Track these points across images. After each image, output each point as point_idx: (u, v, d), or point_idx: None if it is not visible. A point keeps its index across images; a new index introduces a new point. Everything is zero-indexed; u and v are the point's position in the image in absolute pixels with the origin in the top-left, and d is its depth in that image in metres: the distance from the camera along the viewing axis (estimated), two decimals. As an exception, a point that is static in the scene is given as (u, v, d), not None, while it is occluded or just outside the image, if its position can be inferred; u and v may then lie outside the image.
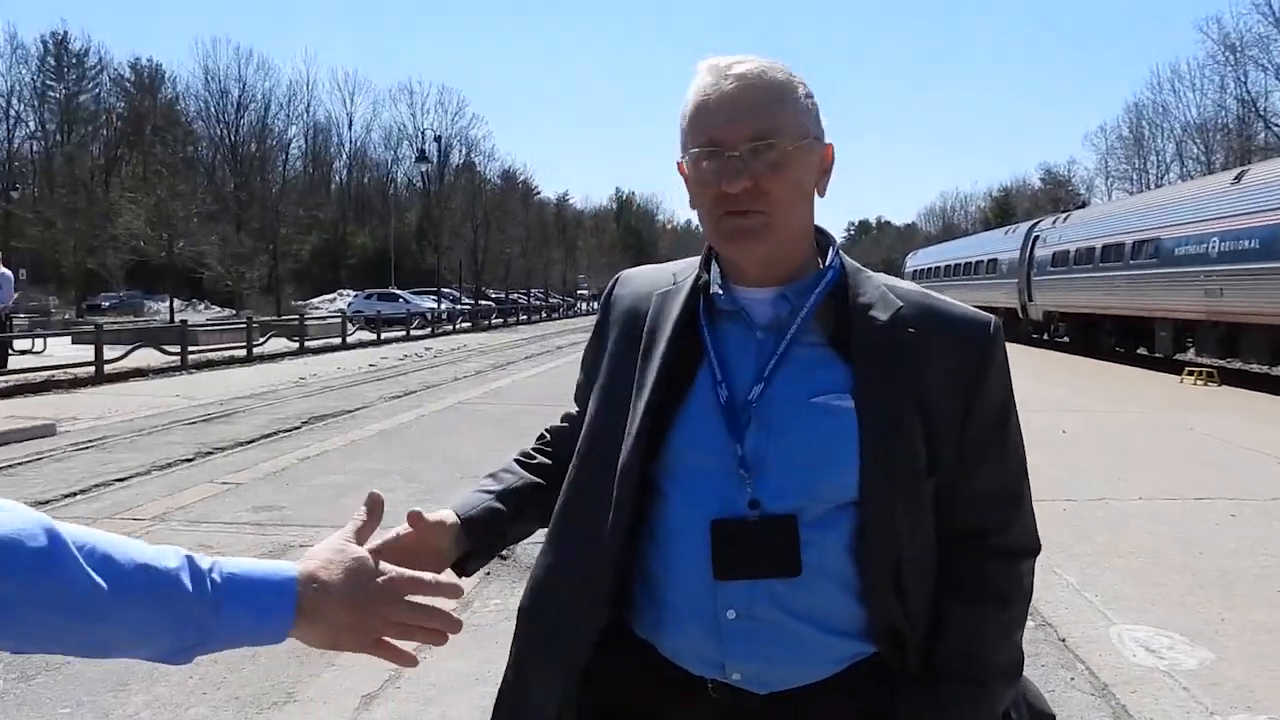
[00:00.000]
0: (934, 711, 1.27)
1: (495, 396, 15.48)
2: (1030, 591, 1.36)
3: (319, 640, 1.09)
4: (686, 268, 1.43)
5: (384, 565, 1.13)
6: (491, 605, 5.12)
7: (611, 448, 1.34)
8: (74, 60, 68.54)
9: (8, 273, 17.51)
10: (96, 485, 8.10)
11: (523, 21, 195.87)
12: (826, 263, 1.37)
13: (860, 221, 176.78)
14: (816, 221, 1.39)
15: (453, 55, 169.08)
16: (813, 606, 1.26)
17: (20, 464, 9.01)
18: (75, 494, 7.77)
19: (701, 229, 1.35)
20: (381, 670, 4.17)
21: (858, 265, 1.40)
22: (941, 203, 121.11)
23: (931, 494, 1.28)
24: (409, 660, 1.18)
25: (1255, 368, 19.92)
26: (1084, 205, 50.72)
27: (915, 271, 53.69)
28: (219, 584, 1.02)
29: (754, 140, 1.24)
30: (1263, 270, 17.00)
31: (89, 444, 10.12)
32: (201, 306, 55.64)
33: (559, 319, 59.61)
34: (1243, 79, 59.54)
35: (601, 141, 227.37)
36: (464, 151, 75.66)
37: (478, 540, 1.40)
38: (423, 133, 74.81)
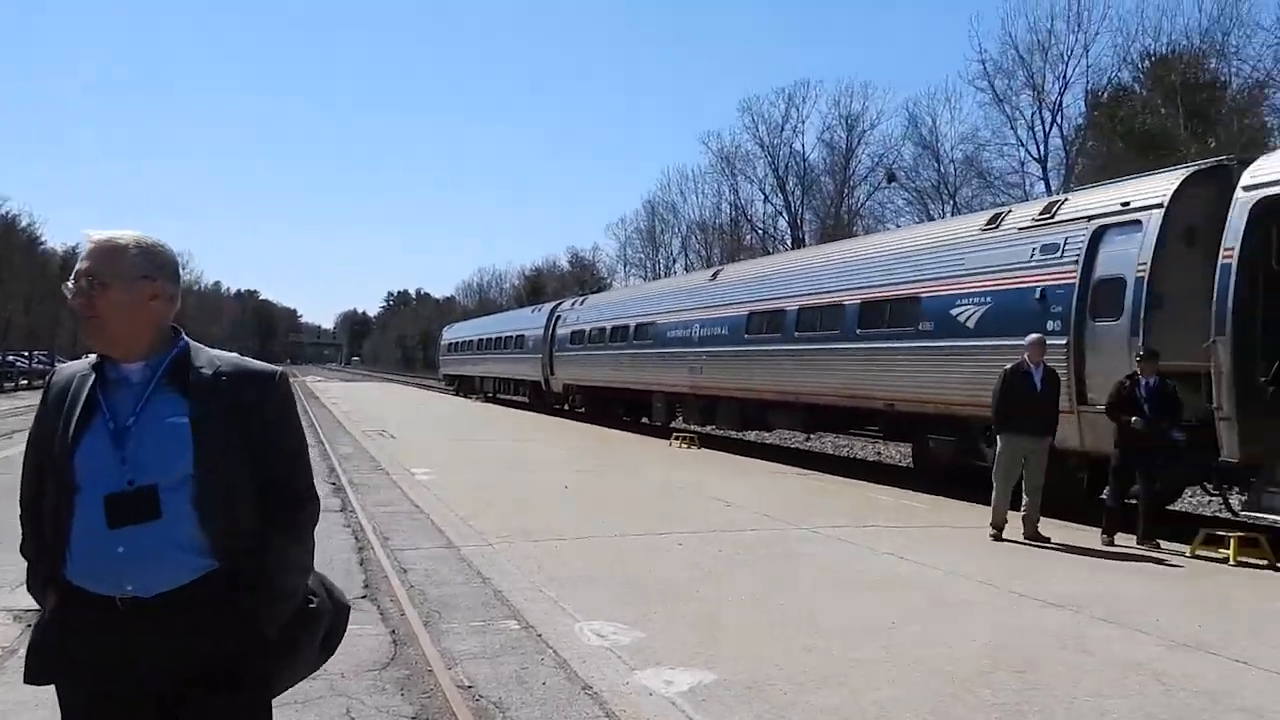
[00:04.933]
0: (258, 590, 2.28)
1: None
2: (314, 515, 2.46)
3: None
4: (96, 359, 2.36)
5: None
6: None
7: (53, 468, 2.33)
8: None
9: None
10: None
11: None
12: (176, 345, 2.36)
13: (400, 292, 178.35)
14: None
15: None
16: (175, 537, 2.21)
17: None
18: None
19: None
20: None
21: (198, 345, 2.47)
22: (479, 278, 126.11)
23: (249, 460, 2.30)
24: None
25: (729, 434, 23.82)
26: (600, 289, 55.98)
27: (451, 344, 55.85)
28: None
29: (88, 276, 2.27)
30: (729, 352, 20.59)
31: None
32: None
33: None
34: (735, 187, 69.54)
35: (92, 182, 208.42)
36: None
37: None
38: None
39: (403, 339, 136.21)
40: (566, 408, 34.56)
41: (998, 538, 9.75)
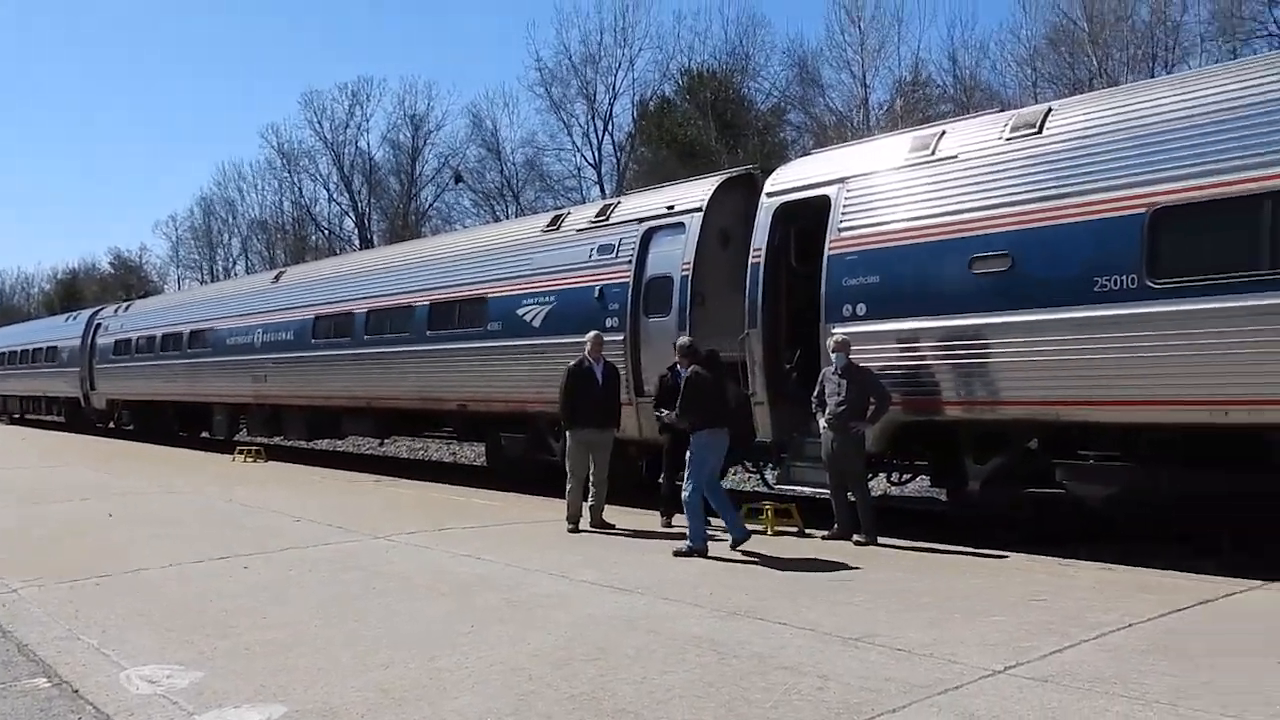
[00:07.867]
0: None
1: None
2: None
3: None
4: None
5: None
6: None
7: None
8: None
9: None
10: None
11: None
12: None
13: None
14: None
15: None
16: None
17: None
18: None
19: None
20: None
21: None
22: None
23: None
24: None
25: (299, 444, 22.76)
26: (149, 294, 51.29)
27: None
28: None
29: None
30: (296, 359, 19.63)
31: None
32: None
33: None
34: (298, 185, 66.67)
35: None
36: None
37: None
38: None
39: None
40: (112, 425, 31.21)
41: (574, 530, 10.12)
